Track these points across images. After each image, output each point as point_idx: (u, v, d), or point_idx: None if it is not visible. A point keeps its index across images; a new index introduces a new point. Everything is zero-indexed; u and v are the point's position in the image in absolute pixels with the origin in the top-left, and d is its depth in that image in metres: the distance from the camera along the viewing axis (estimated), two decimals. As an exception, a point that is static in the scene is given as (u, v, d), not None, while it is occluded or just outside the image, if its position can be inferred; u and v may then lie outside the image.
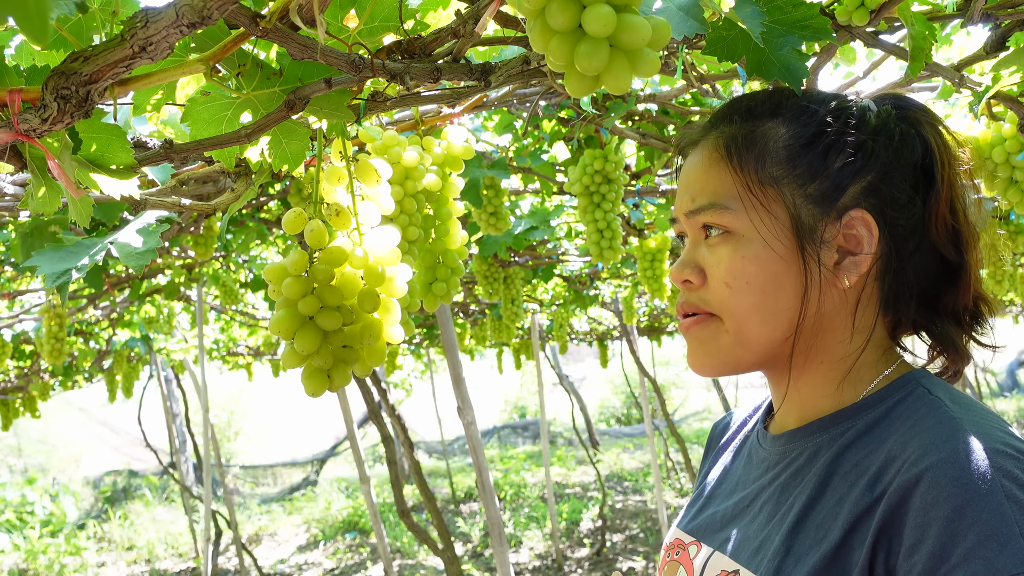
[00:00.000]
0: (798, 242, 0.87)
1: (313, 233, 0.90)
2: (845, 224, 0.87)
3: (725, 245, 0.89)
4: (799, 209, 0.87)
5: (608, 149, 1.99)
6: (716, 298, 0.90)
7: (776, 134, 0.89)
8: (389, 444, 4.52)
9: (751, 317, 0.88)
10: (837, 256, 0.88)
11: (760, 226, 0.88)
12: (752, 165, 0.89)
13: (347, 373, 0.93)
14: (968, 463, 0.72)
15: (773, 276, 0.87)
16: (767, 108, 0.92)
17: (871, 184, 0.87)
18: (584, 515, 9.50)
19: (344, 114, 0.94)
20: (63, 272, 1.12)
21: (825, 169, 0.87)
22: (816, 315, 0.88)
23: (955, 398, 0.83)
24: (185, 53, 0.83)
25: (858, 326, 0.90)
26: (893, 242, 0.88)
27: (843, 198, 0.87)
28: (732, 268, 0.88)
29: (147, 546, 9.87)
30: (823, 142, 0.88)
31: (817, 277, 0.87)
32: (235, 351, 8.53)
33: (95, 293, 3.95)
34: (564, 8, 0.59)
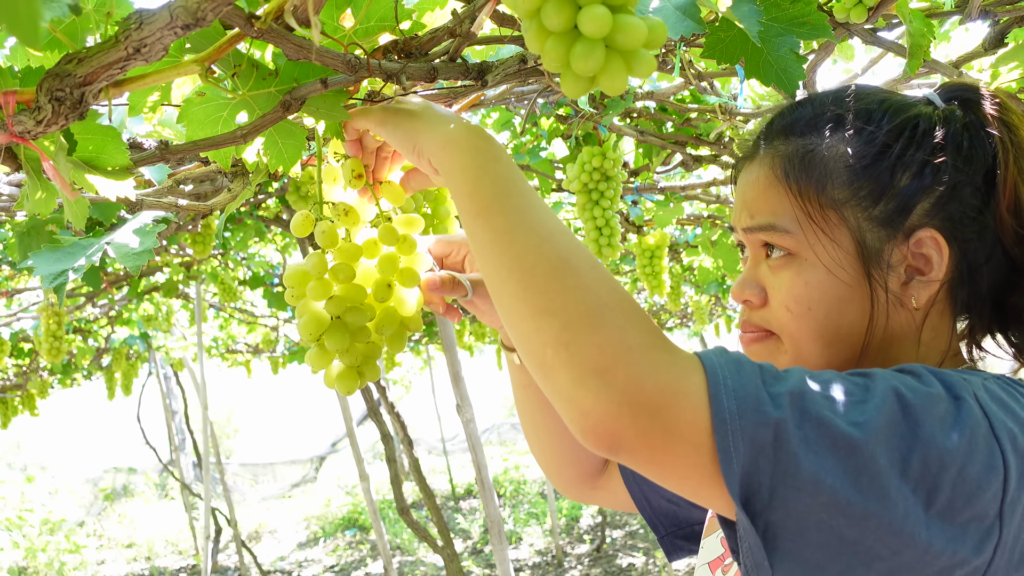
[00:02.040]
0: (864, 268, 0.83)
1: (324, 234, 0.92)
2: (913, 244, 0.83)
3: (787, 269, 0.86)
4: (864, 233, 0.83)
5: (606, 146, 1.99)
6: (777, 320, 0.87)
7: (837, 153, 0.84)
8: (388, 441, 4.52)
9: (812, 342, 0.86)
10: (905, 277, 0.84)
11: (822, 252, 0.84)
12: (812, 189, 0.84)
13: (376, 367, 0.94)
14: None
15: (837, 302, 0.84)
16: (825, 122, 0.87)
17: (940, 200, 0.82)
18: (584, 511, 9.51)
19: (340, 114, 0.93)
20: (60, 273, 1.12)
21: (891, 189, 0.82)
22: (884, 336, 0.85)
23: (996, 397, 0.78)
24: (180, 54, 0.82)
25: (927, 340, 0.86)
26: (964, 256, 0.83)
27: (911, 218, 0.82)
28: (794, 293, 0.85)
29: (147, 544, 9.88)
30: (887, 160, 0.83)
31: (884, 302, 0.83)
32: (234, 348, 8.53)
33: (93, 291, 3.95)
34: (559, 9, 0.59)
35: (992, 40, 1.37)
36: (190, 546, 9.42)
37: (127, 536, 10.31)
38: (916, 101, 0.87)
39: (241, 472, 13.67)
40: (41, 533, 9.86)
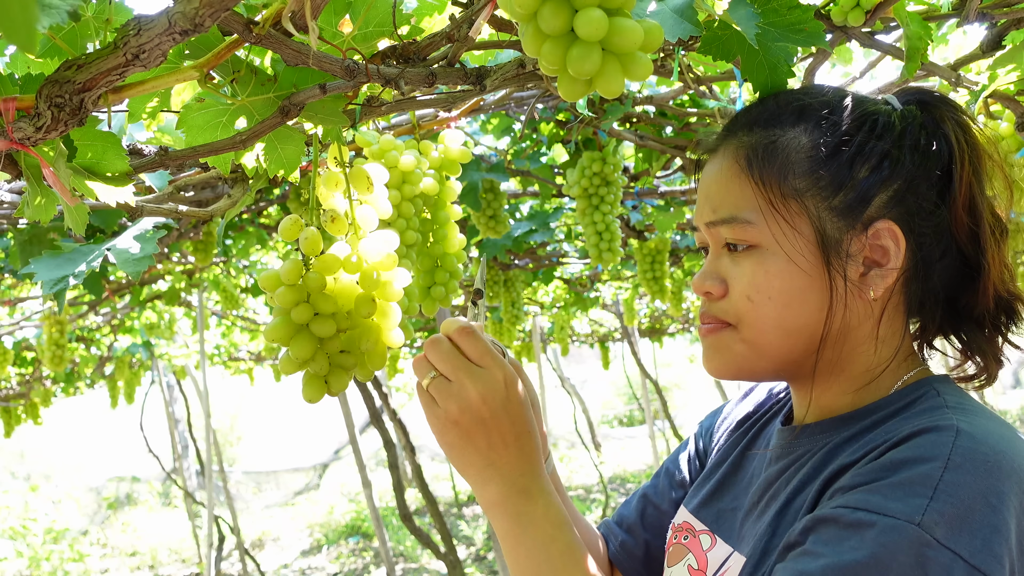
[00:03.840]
0: (823, 256, 0.85)
1: (307, 240, 0.91)
2: (871, 236, 0.85)
3: (749, 259, 0.88)
4: (824, 222, 0.85)
5: (606, 151, 1.99)
6: (736, 309, 0.89)
7: (798, 144, 0.87)
8: (391, 448, 4.52)
9: (771, 331, 0.87)
10: (863, 268, 0.86)
11: (784, 241, 0.85)
12: (774, 178, 0.86)
13: (344, 379, 0.93)
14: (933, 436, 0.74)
15: (798, 291, 0.85)
16: (788, 115, 0.89)
17: (897, 193, 0.85)
18: (587, 517, 9.49)
19: (339, 119, 0.94)
20: (60, 279, 1.12)
21: (850, 180, 0.84)
22: (841, 326, 0.87)
23: (961, 403, 0.82)
24: (179, 60, 0.83)
25: (883, 335, 0.88)
26: (921, 249, 0.86)
27: (869, 209, 0.84)
28: (755, 282, 0.87)
29: (150, 552, 9.87)
30: (848, 152, 0.85)
31: (842, 291, 0.85)
32: (236, 356, 8.54)
33: (96, 299, 3.96)
34: (556, 12, 0.59)
35: (990, 42, 1.37)
36: (193, 554, 9.41)
37: (131, 545, 10.30)
38: (875, 99, 0.90)
39: (244, 480, 13.66)
40: (45, 542, 9.85)
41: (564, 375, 10.30)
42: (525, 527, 0.92)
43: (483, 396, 0.90)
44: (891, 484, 0.72)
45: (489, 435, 0.90)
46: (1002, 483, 0.70)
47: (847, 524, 0.71)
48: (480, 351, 0.93)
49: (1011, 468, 0.72)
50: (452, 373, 0.92)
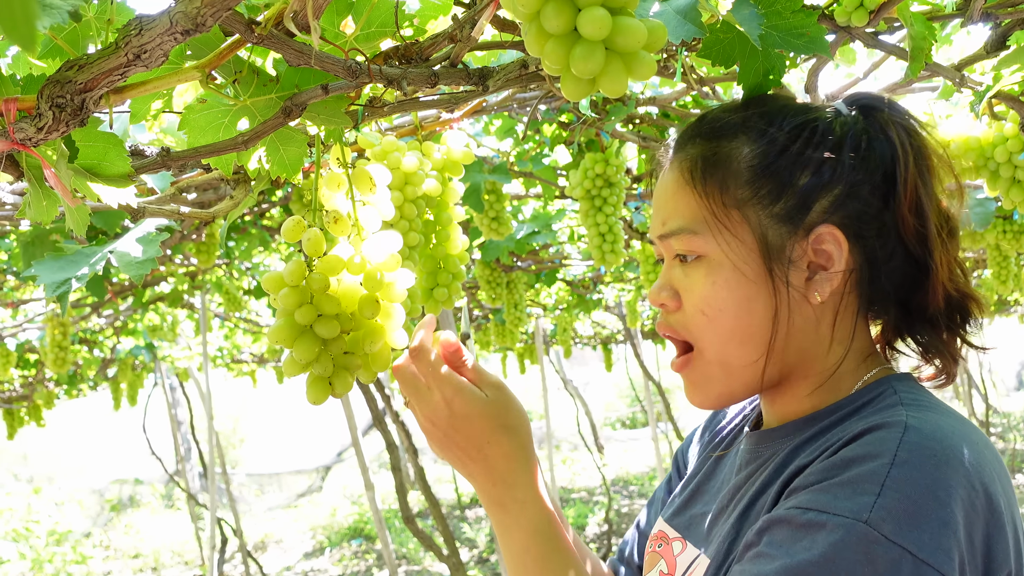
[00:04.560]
0: (766, 264, 0.86)
1: (310, 241, 0.90)
2: (814, 241, 0.86)
3: (698, 270, 0.89)
4: (766, 230, 0.86)
5: (609, 153, 1.99)
6: (694, 325, 0.90)
7: (740, 154, 0.88)
8: (394, 451, 4.51)
9: (729, 342, 0.89)
10: (808, 272, 0.87)
11: (728, 250, 0.87)
12: (716, 189, 0.88)
13: (349, 380, 0.93)
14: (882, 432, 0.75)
15: (745, 300, 0.87)
16: (731, 126, 0.91)
17: (839, 198, 0.86)
18: (590, 519, 9.49)
19: (341, 120, 0.94)
20: (63, 282, 1.12)
21: (790, 187, 0.86)
22: (792, 331, 0.88)
23: (917, 399, 0.83)
24: (181, 60, 0.82)
25: (839, 336, 0.89)
26: (866, 252, 0.87)
27: (810, 215, 0.86)
28: (705, 295, 0.88)
29: (153, 554, 9.87)
30: (787, 159, 0.86)
31: (786, 297, 0.86)
32: (239, 358, 8.54)
33: (98, 301, 3.96)
34: (559, 11, 0.59)
35: (994, 43, 1.37)
36: (196, 556, 9.41)
37: (133, 547, 10.30)
38: (817, 107, 0.92)
39: (247, 482, 13.66)
40: (48, 544, 9.85)
41: (567, 377, 10.29)
42: (502, 535, 0.98)
43: (428, 419, 0.95)
44: (840, 483, 0.73)
45: (452, 451, 0.95)
46: (950, 477, 0.71)
47: (799, 525, 0.73)
48: (424, 372, 0.96)
49: (959, 462, 0.73)
50: (409, 395, 0.97)
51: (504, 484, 0.94)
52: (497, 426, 0.95)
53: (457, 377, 0.96)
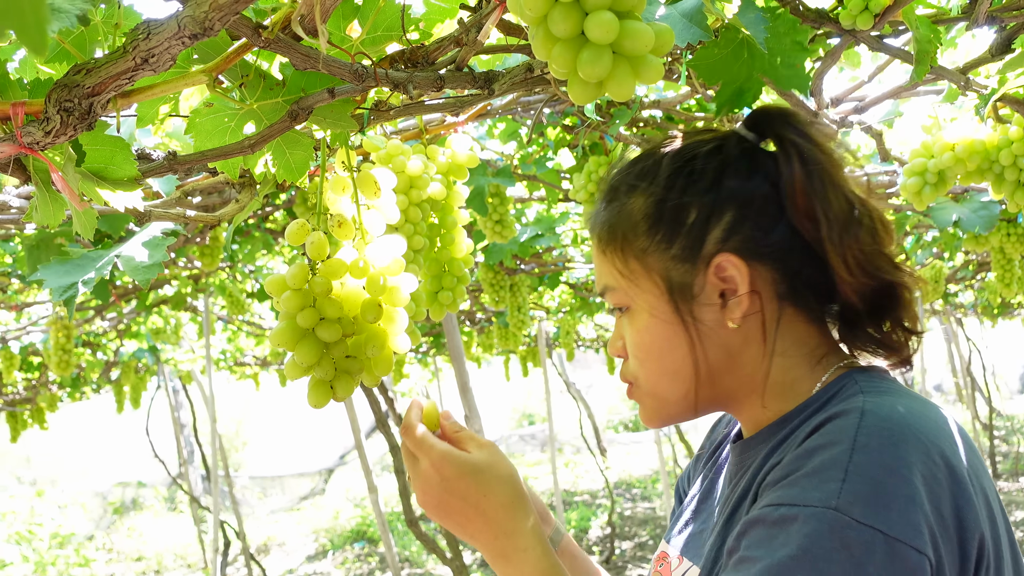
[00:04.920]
0: (673, 303, 0.91)
1: (314, 245, 0.91)
2: (715, 271, 0.89)
3: (627, 320, 0.96)
4: (670, 272, 0.91)
5: (613, 156, 1.99)
6: (632, 368, 0.98)
7: (636, 208, 0.94)
8: (397, 453, 4.51)
9: (660, 380, 0.95)
10: (723, 301, 0.90)
11: (640, 298, 0.93)
12: (619, 247, 0.95)
13: (351, 384, 0.93)
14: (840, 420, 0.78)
15: (665, 340, 0.92)
16: (623, 187, 0.96)
17: (731, 223, 0.89)
18: (593, 523, 9.48)
19: (347, 124, 0.94)
20: (69, 286, 1.12)
21: (682, 228, 0.90)
22: (719, 357, 0.92)
23: (877, 386, 0.85)
24: (188, 64, 0.83)
25: (777, 349, 0.92)
26: (779, 264, 0.90)
27: (705, 248, 0.90)
28: (633, 341, 0.96)
29: (156, 557, 9.87)
30: (672, 203, 0.91)
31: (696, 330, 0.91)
32: (242, 361, 8.54)
33: (102, 305, 3.96)
34: (566, 15, 0.59)
35: (999, 46, 1.37)
36: (199, 559, 9.41)
37: (136, 550, 10.30)
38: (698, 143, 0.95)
39: (250, 485, 13.66)
40: (51, 547, 9.86)
41: (570, 380, 10.29)
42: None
43: (421, 488, 0.99)
44: (806, 474, 0.76)
45: (452, 515, 0.98)
46: (909, 454, 0.74)
47: (773, 522, 0.75)
48: (414, 445, 1.00)
49: (916, 438, 0.75)
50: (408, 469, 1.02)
51: (505, 535, 0.96)
52: (488, 479, 0.98)
53: (441, 445, 0.99)
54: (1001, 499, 0.85)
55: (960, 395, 13.02)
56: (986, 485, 0.81)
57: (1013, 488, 9.69)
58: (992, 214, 2.24)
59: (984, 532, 0.75)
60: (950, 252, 3.79)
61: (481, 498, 0.96)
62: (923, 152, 1.69)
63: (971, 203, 2.29)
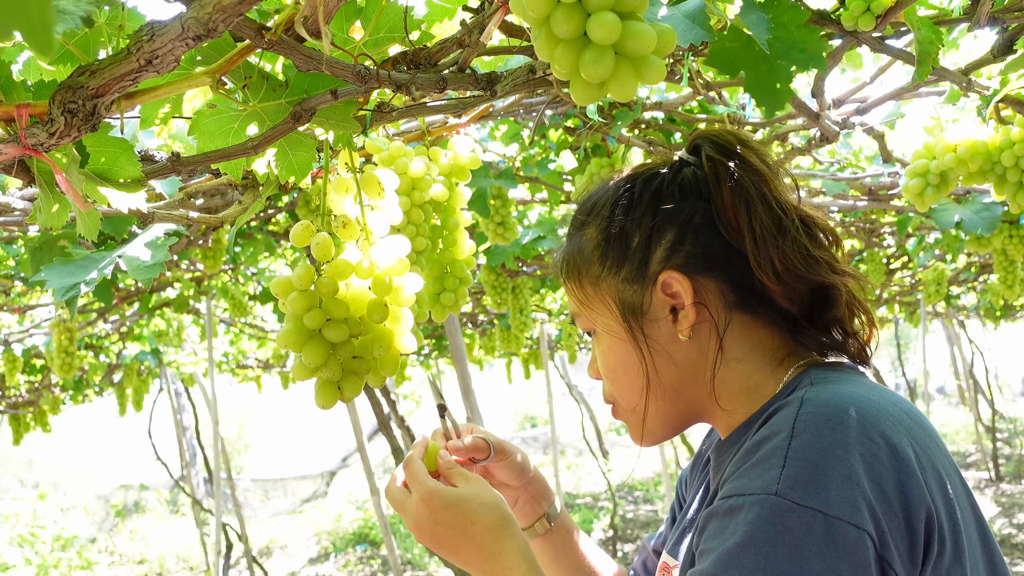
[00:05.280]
0: (624, 322, 0.97)
1: (319, 246, 0.91)
2: (662, 287, 0.95)
3: (595, 343, 1.03)
4: (622, 294, 0.97)
5: (615, 158, 1.99)
6: (607, 389, 1.04)
7: (587, 239, 1.01)
8: (399, 456, 4.51)
9: (630, 396, 1.00)
10: (672, 316, 0.95)
11: (599, 322, 1.00)
12: (576, 276, 1.02)
13: (358, 384, 0.93)
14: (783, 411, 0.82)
15: (625, 358, 0.98)
16: (578, 220, 1.04)
17: (672, 242, 0.95)
18: (595, 525, 9.47)
19: (350, 125, 0.94)
20: (72, 286, 1.12)
21: (628, 251, 0.97)
22: (677, 369, 0.97)
23: (826, 378, 0.89)
24: (191, 66, 0.83)
25: (740, 354, 0.96)
26: (725, 276, 0.95)
27: (651, 267, 0.95)
28: (601, 362, 1.02)
29: (158, 559, 9.87)
30: (616, 230, 0.98)
31: (646, 345, 0.96)
32: (245, 364, 8.54)
33: (105, 307, 3.97)
34: (569, 16, 0.59)
35: (1001, 47, 1.36)
36: (201, 562, 9.41)
37: (139, 552, 10.30)
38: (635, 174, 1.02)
39: (252, 487, 13.66)
40: (53, 550, 9.86)
41: (572, 382, 10.28)
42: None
43: (413, 523, 1.03)
44: (751, 465, 0.80)
45: (443, 545, 1.02)
46: (845, 435, 0.77)
47: (723, 513, 0.79)
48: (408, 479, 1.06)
49: (852, 420, 0.78)
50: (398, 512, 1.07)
51: (494, 557, 1.00)
52: (474, 507, 1.02)
53: (429, 481, 1.04)
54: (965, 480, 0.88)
55: (963, 398, 13.00)
56: (939, 462, 0.83)
57: (1016, 491, 9.67)
58: (994, 215, 2.24)
59: (933, 505, 0.77)
60: (952, 254, 3.79)
61: (469, 525, 1.01)
62: (925, 153, 1.70)
63: (973, 204, 2.29)
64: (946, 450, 0.87)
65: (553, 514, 1.24)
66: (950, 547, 0.78)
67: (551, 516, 1.24)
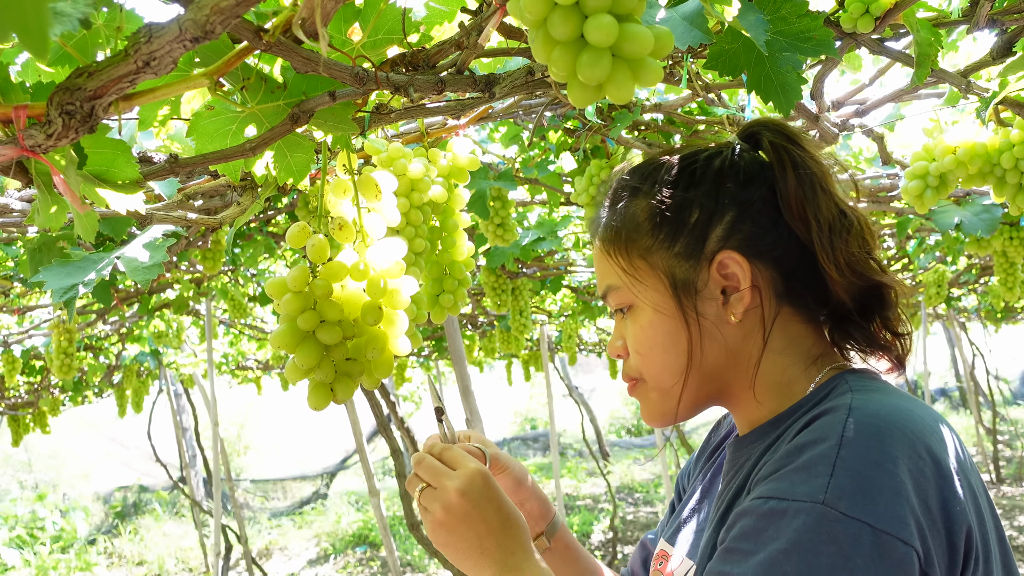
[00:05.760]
0: (676, 299, 0.95)
1: (315, 248, 0.91)
2: (718, 267, 0.93)
3: (629, 319, 1.00)
4: (673, 269, 0.95)
5: (615, 159, 1.99)
6: (635, 365, 1.00)
7: (639, 209, 0.98)
8: (398, 457, 4.51)
9: (663, 375, 0.97)
10: (724, 297, 0.94)
11: (644, 296, 0.97)
12: (622, 247, 0.99)
13: (351, 386, 0.93)
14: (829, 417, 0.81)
15: (669, 335, 0.96)
16: (630, 188, 1.00)
17: (731, 223, 0.93)
18: (595, 527, 9.46)
19: (348, 127, 0.94)
20: (70, 287, 1.12)
21: (684, 227, 0.95)
22: (718, 351, 0.95)
23: (866, 385, 0.88)
24: (189, 67, 0.83)
25: (773, 346, 0.95)
26: (777, 264, 0.94)
27: (708, 245, 0.94)
28: (637, 338, 0.99)
29: (157, 561, 9.86)
30: (675, 204, 0.95)
31: (698, 324, 0.94)
32: (244, 365, 8.54)
33: (104, 308, 3.97)
34: (566, 18, 0.59)
35: (1000, 49, 1.37)
36: (200, 563, 9.40)
37: (138, 554, 10.30)
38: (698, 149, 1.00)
39: (251, 489, 13.65)
40: (52, 551, 9.86)
41: (572, 384, 10.28)
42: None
43: (462, 491, 1.01)
44: (795, 469, 0.78)
45: (475, 526, 1.00)
46: (894, 448, 0.76)
47: (761, 515, 0.77)
48: (453, 457, 1.06)
49: (901, 433, 0.77)
50: (435, 480, 1.05)
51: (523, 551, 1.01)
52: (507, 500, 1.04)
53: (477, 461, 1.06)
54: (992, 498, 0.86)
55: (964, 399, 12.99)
56: (973, 481, 0.82)
57: (1017, 493, 9.67)
58: (994, 217, 2.24)
59: (972, 525, 0.77)
60: (953, 256, 3.78)
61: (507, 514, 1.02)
62: (924, 155, 1.70)
63: (973, 206, 2.29)
64: (976, 467, 0.86)
65: (552, 532, 1.23)
66: (982, 565, 0.78)
67: (549, 534, 1.23)
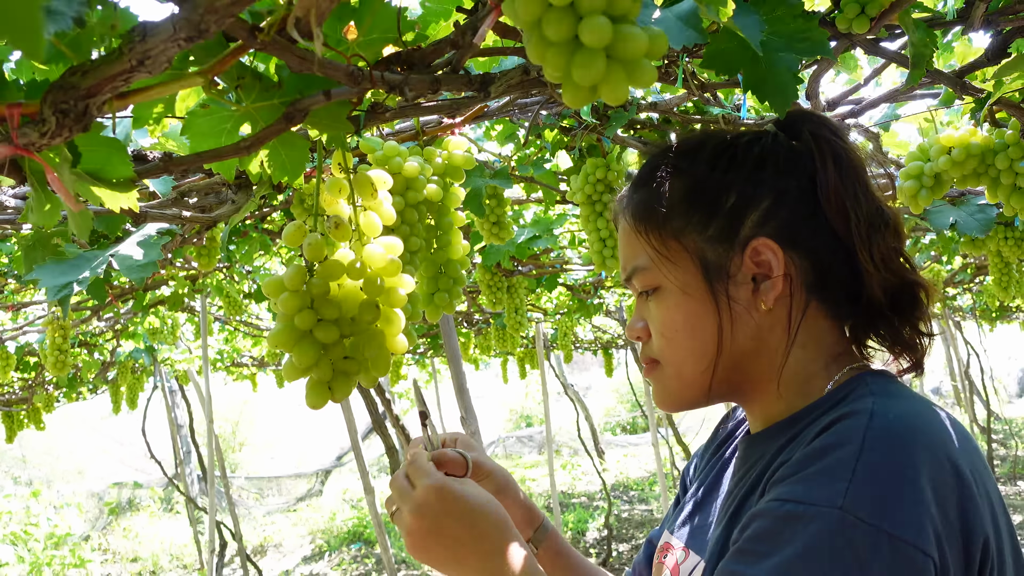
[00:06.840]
0: (707, 282, 0.93)
1: (311, 247, 0.91)
2: (751, 254, 0.92)
3: (654, 300, 0.98)
4: (704, 252, 0.94)
5: (610, 158, 1.99)
6: (658, 347, 0.98)
7: (674, 188, 0.96)
8: (393, 455, 4.51)
9: (686, 359, 0.96)
10: (754, 284, 0.93)
11: (673, 277, 0.95)
12: (655, 226, 0.96)
13: (349, 385, 0.93)
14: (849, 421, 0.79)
15: (696, 319, 0.94)
16: (660, 170, 0.99)
17: (767, 210, 0.92)
18: (590, 525, 9.47)
19: (343, 126, 0.94)
20: (64, 285, 1.12)
21: (719, 209, 0.93)
22: (744, 339, 0.93)
23: (887, 389, 0.86)
24: (184, 66, 0.83)
25: (802, 340, 0.93)
26: (808, 255, 0.93)
27: (743, 230, 0.92)
28: (662, 320, 0.97)
29: (151, 557, 9.86)
30: (711, 185, 0.94)
31: (729, 309, 0.92)
32: (239, 362, 8.53)
33: (99, 305, 3.96)
34: (560, 19, 0.59)
35: (995, 50, 1.37)
36: (195, 560, 9.40)
37: (132, 550, 10.29)
38: (738, 132, 0.99)
39: (246, 486, 13.64)
40: (46, 547, 9.84)
41: (567, 382, 10.28)
42: None
43: (416, 513, 0.98)
44: (814, 472, 0.77)
45: (442, 540, 0.97)
46: (915, 456, 0.75)
47: (778, 517, 0.76)
48: (414, 472, 1.02)
49: (924, 441, 0.77)
50: (399, 501, 1.02)
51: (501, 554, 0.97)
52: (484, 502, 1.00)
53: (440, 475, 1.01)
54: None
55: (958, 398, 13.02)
56: (990, 488, 0.81)
57: (1011, 492, 9.70)
58: (989, 217, 2.24)
59: (988, 535, 0.76)
60: (948, 255, 3.79)
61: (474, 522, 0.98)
62: (919, 155, 1.70)
63: (968, 206, 2.29)
64: (992, 476, 0.85)
65: (539, 539, 1.21)
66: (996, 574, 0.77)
67: (537, 541, 1.21)
